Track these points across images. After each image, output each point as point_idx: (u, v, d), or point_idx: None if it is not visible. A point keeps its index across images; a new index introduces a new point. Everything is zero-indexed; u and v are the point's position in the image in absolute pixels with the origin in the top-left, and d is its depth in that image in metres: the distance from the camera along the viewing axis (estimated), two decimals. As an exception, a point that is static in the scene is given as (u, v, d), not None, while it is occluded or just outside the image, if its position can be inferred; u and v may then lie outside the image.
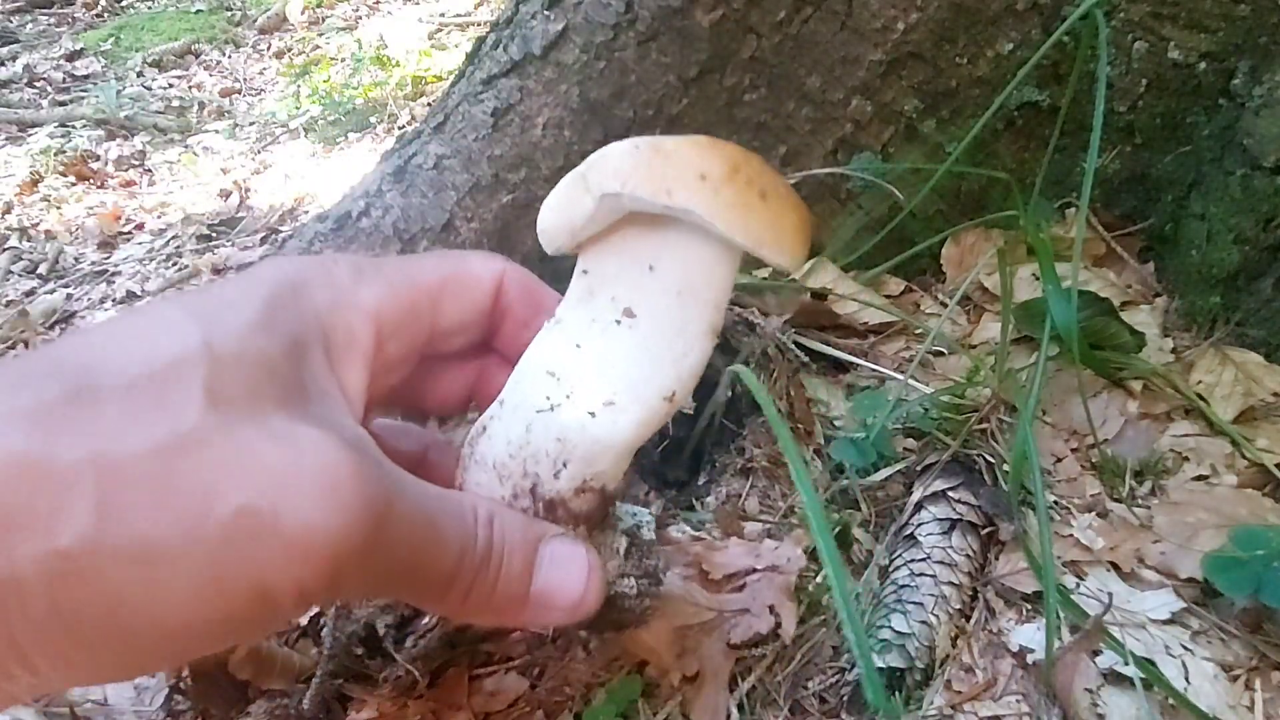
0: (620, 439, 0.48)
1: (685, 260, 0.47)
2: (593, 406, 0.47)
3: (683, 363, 0.48)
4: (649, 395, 0.47)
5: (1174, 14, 0.90)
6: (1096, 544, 0.76)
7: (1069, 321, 0.80)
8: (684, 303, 0.47)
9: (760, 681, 0.72)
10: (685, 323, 0.48)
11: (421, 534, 0.41)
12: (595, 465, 0.48)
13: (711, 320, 0.48)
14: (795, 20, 0.93)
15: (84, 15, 3.69)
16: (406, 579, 0.41)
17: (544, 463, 0.48)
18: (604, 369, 0.47)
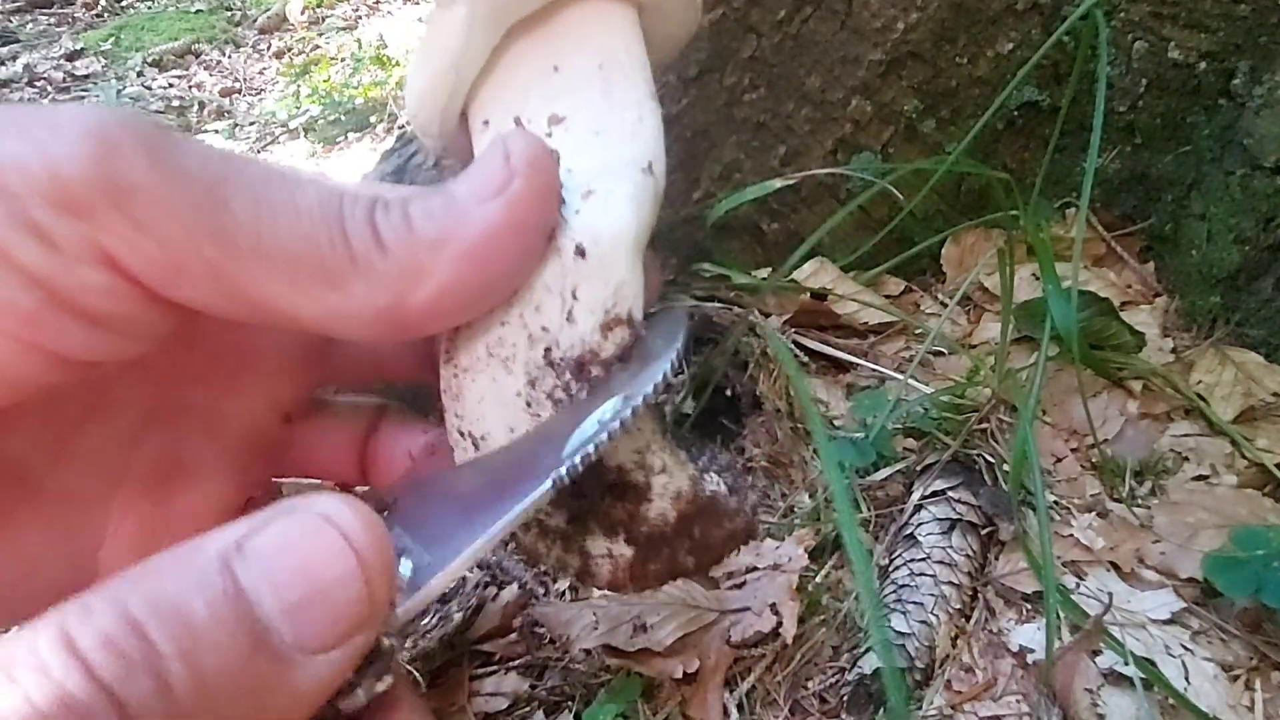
0: (620, 222, 0.38)
1: (589, 36, 0.41)
2: (574, 207, 0.38)
3: (642, 129, 0.41)
4: (625, 170, 0.40)
5: (1174, 14, 0.90)
6: (1096, 544, 0.76)
7: (1069, 321, 0.80)
8: (610, 74, 0.41)
9: (760, 681, 0.72)
10: (623, 94, 0.41)
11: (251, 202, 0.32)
12: (610, 276, 0.37)
13: (648, 85, 0.42)
14: (795, 20, 0.93)
15: (84, 15, 3.69)
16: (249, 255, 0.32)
17: (549, 305, 0.37)
18: (565, 175, 0.39)
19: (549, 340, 0.37)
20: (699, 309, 0.99)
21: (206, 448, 0.43)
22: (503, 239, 0.35)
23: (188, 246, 0.31)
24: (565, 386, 0.37)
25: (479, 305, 0.37)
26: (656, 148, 0.41)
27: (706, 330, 1.00)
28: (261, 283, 0.32)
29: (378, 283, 0.33)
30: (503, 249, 0.35)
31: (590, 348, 0.37)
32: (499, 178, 0.35)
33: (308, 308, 0.33)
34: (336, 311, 0.33)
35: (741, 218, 1.04)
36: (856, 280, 1.03)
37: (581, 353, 0.37)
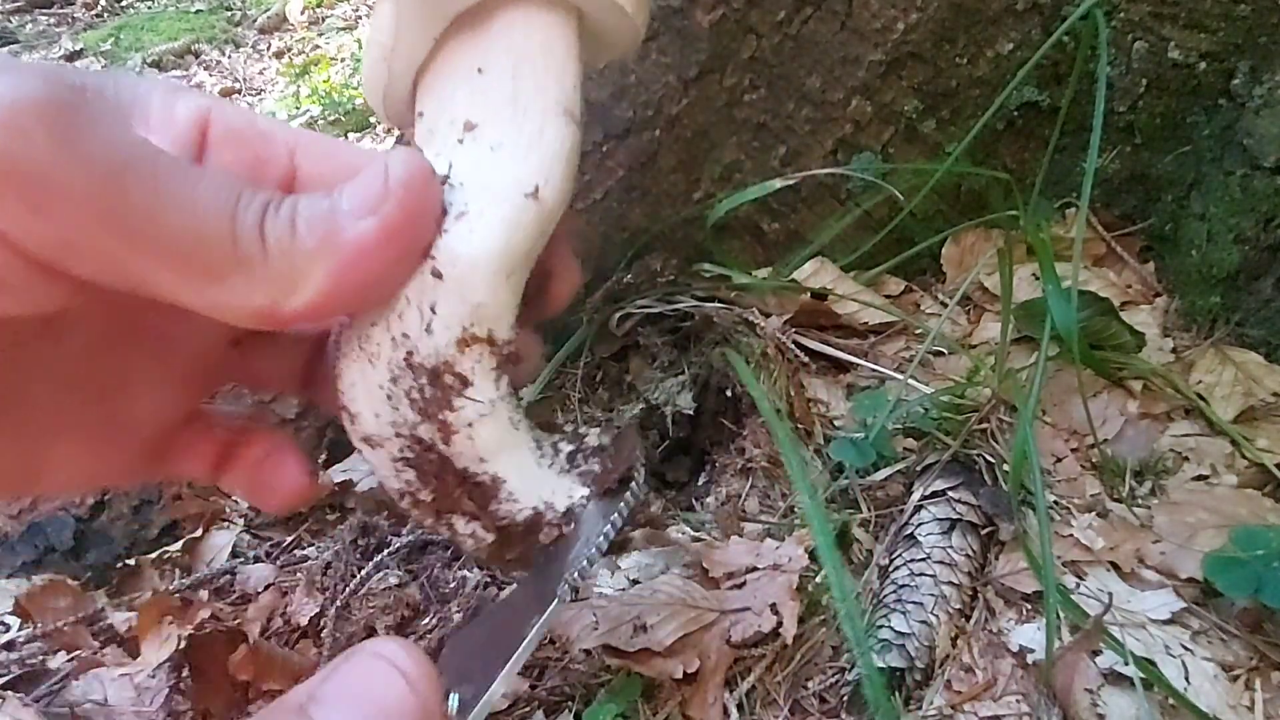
0: (482, 248, 0.39)
1: (514, 41, 0.42)
2: (446, 225, 0.40)
3: (539, 146, 0.41)
4: (506, 193, 0.40)
5: (1174, 14, 0.90)
6: (1096, 544, 0.76)
7: (1069, 321, 0.80)
8: (520, 83, 0.41)
9: (760, 681, 0.72)
10: (528, 101, 0.41)
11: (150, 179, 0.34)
12: (466, 296, 0.39)
13: (559, 94, 0.42)
14: (795, 20, 0.93)
15: (84, 15, 3.69)
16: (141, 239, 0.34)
17: (410, 316, 0.40)
18: (451, 190, 0.40)
19: (410, 346, 0.40)
20: (700, 308, 0.99)
21: (156, 363, 0.46)
22: (373, 255, 0.37)
23: (82, 231, 0.33)
24: (421, 390, 0.41)
25: (349, 310, 0.40)
26: (552, 167, 0.41)
27: (707, 330, 1.00)
28: (150, 270, 0.34)
29: (257, 285, 0.36)
30: (372, 264, 0.37)
31: (445, 359, 0.40)
32: (375, 196, 0.37)
33: (191, 298, 0.36)
34: (217, 304, 0.36)
35: (742, 218, 1.04)
36: (857, 280, 1.03)
37: (437, 364, 0.40)
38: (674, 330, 1.02)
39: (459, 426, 0.42)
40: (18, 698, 0.78)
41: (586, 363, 1.05)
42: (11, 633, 0.87)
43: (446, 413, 0.41)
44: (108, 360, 0.44)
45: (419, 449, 0.42)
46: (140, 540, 0.98)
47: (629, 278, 1.02)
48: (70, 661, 0.83)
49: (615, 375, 1.06)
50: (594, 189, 1.01)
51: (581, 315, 1.04)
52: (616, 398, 1.04)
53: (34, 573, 0.94)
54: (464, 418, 0.42)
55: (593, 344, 1.05)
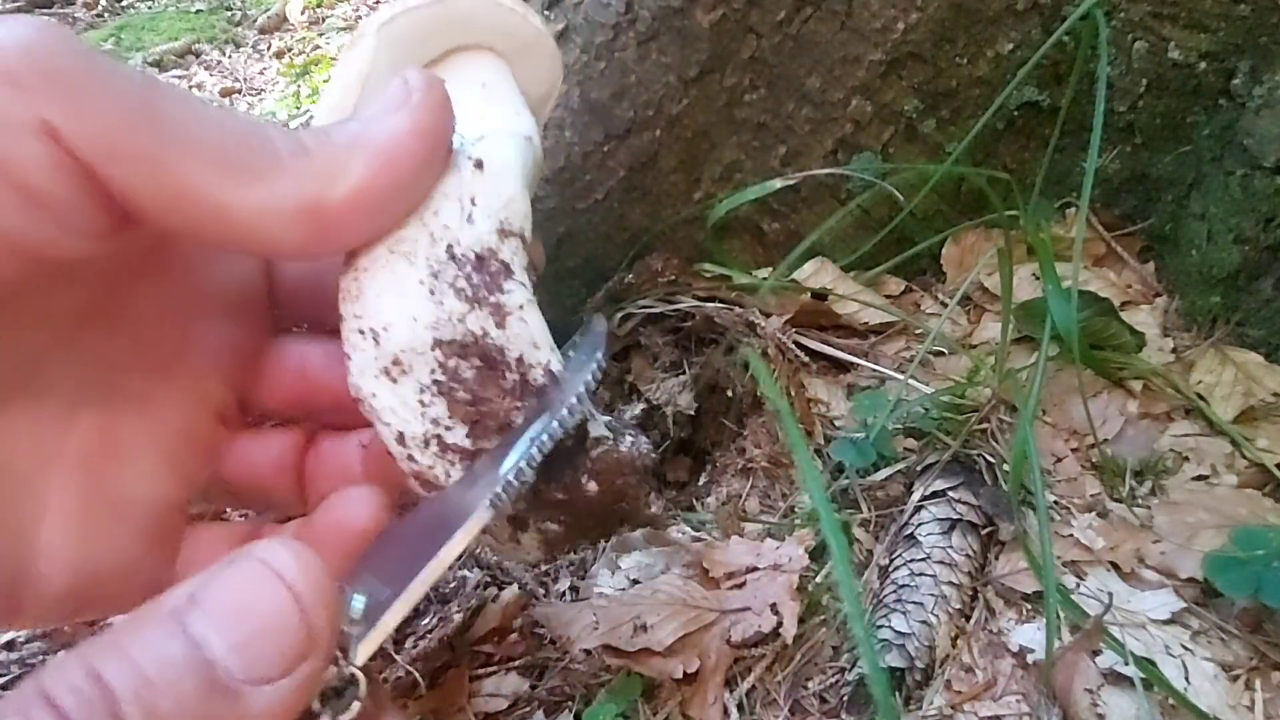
0: (509, 154, 0.45)
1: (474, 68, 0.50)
2: (470, 143, 0.45)
3: (520, 120, 0.48)
4: (508, 135, 0.46)
5: (1174, 14, 0.90)
6: (1096, 544, 0.76)
7: (1069, 321, 0.80)
8: (490, 90, 0.49)
9: (760, 681, 0.72)
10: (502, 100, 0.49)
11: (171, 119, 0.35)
12: (503, 189, 0.43)
13: (519, 100, 0.51)
14: (795, 20, 0.93)
15: (84, 15, 3.68)
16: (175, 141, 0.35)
17: (448, 209, 0.42)
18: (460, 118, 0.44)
19: (450, 238, 0.41)
20: (701, 308, 0.99)
21: (141, 432, 0.44)
22: (408, 142, 0.39)
23: (123, 127, 0.33)
24: (468, 277, 0.41)
25: (390, 205, 0.41)
26: (535, 131, 0.48)
27: (707, 330, 1.00)
28: (191, 170, 0.35)
29: (300, 178, 0.37)
30: (408, 150, 0.39)
31: (489, 246, 0.41)
32: (400, 96, 0.40)
33: (235, 199, 0.35)
34: (262, 204, 0.36)
35: (742, 218, 1.04)
36: (857, 280, 1.03)
37: (482, 250, 0.41)
38: (675, 330, 1.02)
39: (511, 309, 0.41)
40: (18, 698, 0.78)
41: (587, 363, 1.05)
42: (11, 633, 0.87)
43: (499, 294, 0.41)
44: (91, 420, 0.42)
45: (458, 359, 0.40)
46: (141, 540, 0.98)
47: (629, 278, 1.02)
48: (71, 661, 0.83)
49: (616, 375, 1.06)
50: (594, 189, 1.01)
51: (582, 315, 1.04)
52: (617, 398, 1.04)
53: (34, 573, 0.94)
54: (515, 300, 0.41)
55: (593, 344, 1.05)
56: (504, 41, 0.52)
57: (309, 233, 0.37)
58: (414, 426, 0.41)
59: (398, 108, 0.39)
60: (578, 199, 1.01)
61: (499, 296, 0.41)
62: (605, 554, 0.85)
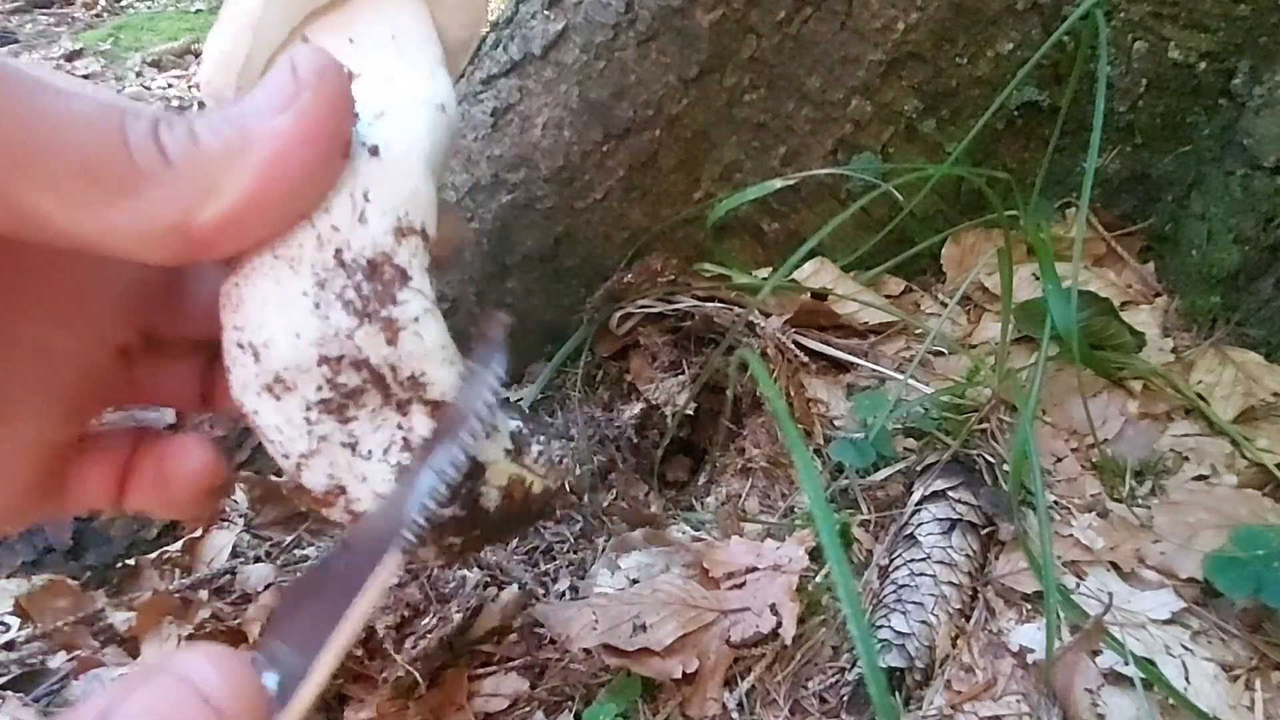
0: (414, 134, 0.39)
1: (385, 14, 0.44)
2: (367, 123, 0.39)
3: (434, 82, 0.43)
4: (419, 103, 0.41)
5: (1174, 14, 0.90)
6: (1096, 544, 0.76)
7: (1069, 321, 0.80)
8: (402, 42, 0.43)
9: (760, 681, 0.72)
10: (415, 54, 0.44)
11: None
12: (402, 180, 0.38)
13: (436, 53, 0.45)
14: (795, 20, 0.93)
15: (83, 15, 3.68)
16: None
17: (339, 206, 0.36)
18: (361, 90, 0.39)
19: (340, 241, 0.36)
20: (700, 308, 0.99)
21: (37, 384, 0.41)
22: (295, 151, 0.33)
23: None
24: (358, 287, 0.36)
25: (274, 220, 0.36)
26: (449, 96, 0.43)
27: (706, 330, 1.00)
28: (34, 195, 0.30)
29: (163, 197, 0.32)
30: (295, 161, 0.34)
31: (383, 250, 0.36)
32: (287, 91, 0.33)
33: (87, 224, 0.31)
34: (119, 228, 0.31)
35: (742, 218, 1.04)
36: (857, 280, 1.03)
37: (374, 254, 0.36)
38: (674, 330, 1.02)
39: (405, 323, 0.36)
40: (18, 698, 0.79)
41: (586, 362, 1.05)
42: (11, 633, 0.87)
43: (390, 308, 0.36)
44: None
45: (347, 373, 0.36)
46: (140, 540, 0.98)
47: (629, 277, 1.02)
48: (70, 661, 0.83)
49: (615, 375, 1.06)
50: (593, 188, 1.01)
51: (582, 315, 1.04)
52: (616, 397, 1.04)
53: (34, 573, 0.94)
54: (410, 312, 0.36)
55: (593, 343, 1.05)
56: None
57: (177, 252, 0.33)
58: (299, 445, 0.37)
59: (283, 106, 0.33)
60: (577, 198, 1.01)
61: (391, 309, 0.36)
62: (605, 554, 0.85)
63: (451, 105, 0.43)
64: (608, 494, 0.96)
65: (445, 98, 0.42)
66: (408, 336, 0.36)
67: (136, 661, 0.81)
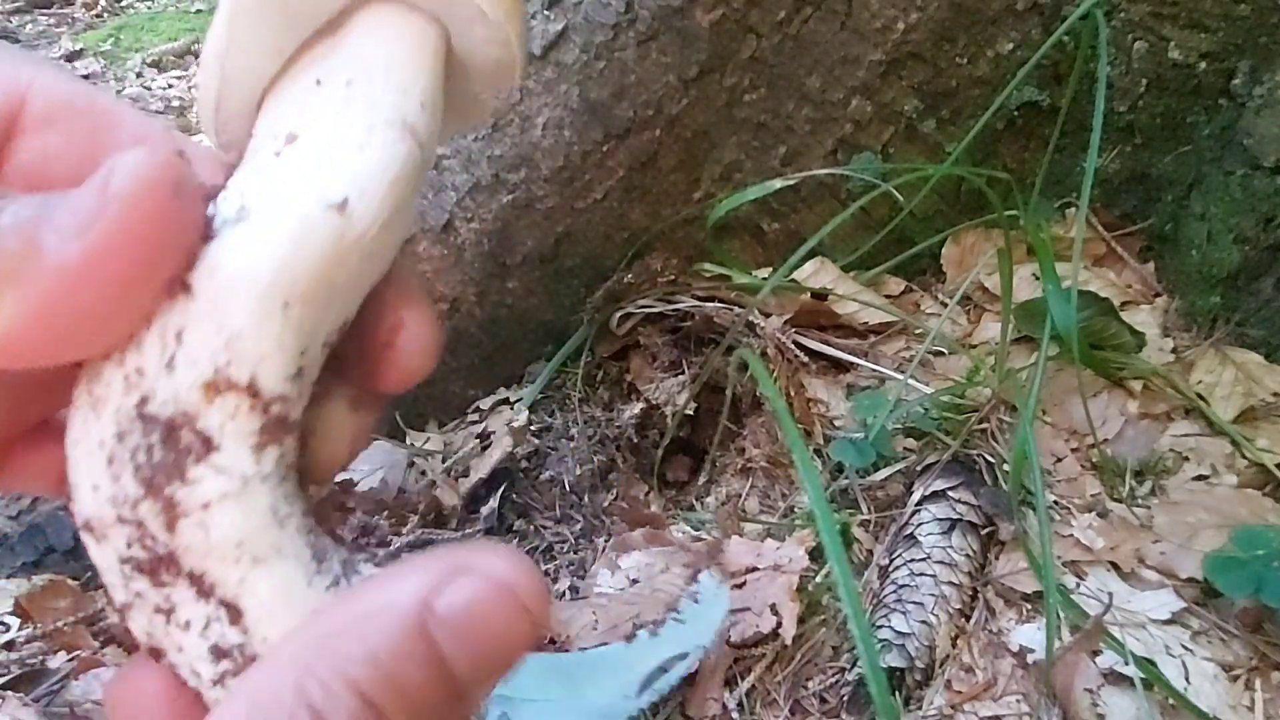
0: (252, 260, 0.30)
1: (362, 50, 0.36)
2: (217, 228, 0.31)
3: (359, 158, 0.33)
4: (302, 200, 0.32)
5: (1174, 14, 0.90)
6: (1096, 544, 0.76)
7: (1069, 321, 0.80)
8: (353, 92, 0.35)
9: (760, 681, 0.72)
10: (355, 112, 0.34)
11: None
12: (221, 322, 0.29)
13: (398, 106, 0.35)
14: (795, 20, 0.93)
15: (83, 16, 3.69)
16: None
17: (149, 345, 0.30)
18: (236, 195, 0.32)
19: (145, 388, 0.30)
20: (700, 308, 0.99)
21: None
22: (80, 289, 0.27)
23: None
24: (149, 450, 0.30)
25: (60, 355, 0.30)
26: (368, 183, 0.33)
27: (706, 330, 1.00)
28: None
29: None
30: (80, 300, 0.28)
31: (184, 410, 0.29)
32: (88, 210, 0.27)
33: None
34: None
35: (742, 218, 1.04)
36: (857, 280, 1.03)
37: (173, 414, 0.29)
38: (674, 330, 1.02)
39: (190, 508, 0.29)
40: (18, 698, 0.78)
41: (586, 362, 1.05)
42: (11, 633, 0.87)
43: (176, 485, 0.29)
44: None
45: (148, 542, 0.31)
46: (140, 540, 0.98)
47: (629, 278, 1.02)
48: (70, 661, 0.83)
49: (615, 375, 1.06)
50: (593, 188, 1.01)
51: (582, 315, 1.04)
52: (616, 397, 1.04)
53: (34, 573, 0.94)
54: (198, 495, 0.30)
55: (593, 344, 1.05)
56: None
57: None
58: (118, 594, 0.32)
59: (81, 227, 0.27)
60: (577, 198, 1.01)
61: (176, 488, 0.29)
62: (605, 554, 0.85)
63: (367, 195, 0.33)
64: (608, 494, 0.96)
65: (354, 187, 0.32)
66: (189, 526, 0.30)
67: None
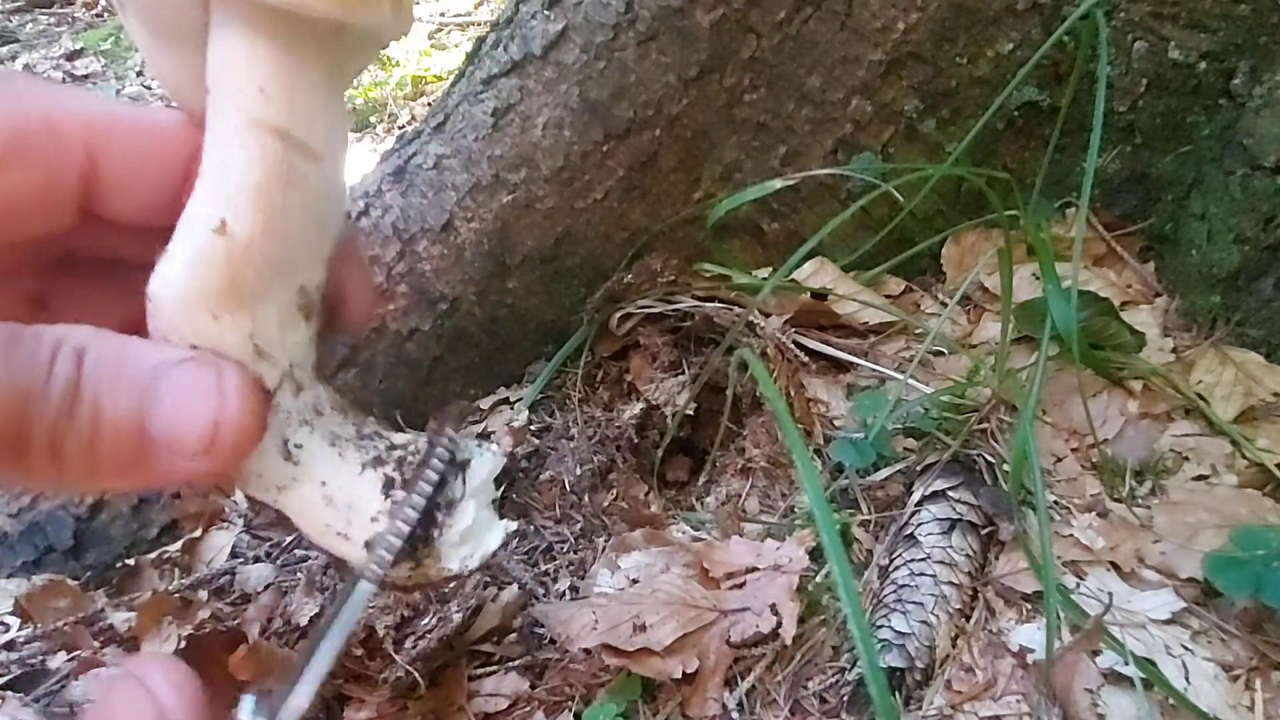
0: (173, 287, 0.36)
1: (212, 59, 0.37)
2: (158, 265, 0.37)
3: (226, 176, 0.37)
4: (192, 230, 0.37)
5: (1174, 14, 0.90)
6: (1096, 544, 0.76)
7: (1069, 321, 0.80)
8: (213, 105, 0.37)
9: (760, 681, 0.72)
10: (218, 127, 0.37)
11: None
12: (172, 327, 0.37)
13: (253, 110, 0.37)
14: (795, 20, 0.93)
15: (84, 15, 3.68)
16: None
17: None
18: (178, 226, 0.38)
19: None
20: (700, 308, 0.99)
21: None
22: (192, 470, 0.35)
23: None
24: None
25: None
26: (239, 197, 0.37)
27: (706, 330, 1.00)
28: None
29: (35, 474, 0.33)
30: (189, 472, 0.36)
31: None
32: (199, 439, 0.35)
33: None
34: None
35: (742, 218, 1.04)
36: (857, 280, 1.03)
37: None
38: (674, 330, 1.02)
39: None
40: (18, 698, 0.79)
41: (587, 362, 1.05)
42: (11, 633, 0.87)
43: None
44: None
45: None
46: (140, 540, 0.98)
47: (629, 278, 1.02)
48: (70, 661, 0.83)
49: (615, 375, 1.06)
50: (593, 188, 1.01)
51: (582, 315, 1.04)
52: (616, 397, 1.04)
53: (34, 573, 0.94)
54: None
55: (593, 344, 1.05)
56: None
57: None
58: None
59: (193, 450, 0.35)
60: (577, 198, 1.01)
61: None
62: (605, 554, 0.85)
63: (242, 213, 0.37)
64: (608, 494, 0.96)
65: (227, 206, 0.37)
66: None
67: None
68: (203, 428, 0.34)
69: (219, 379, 0.35)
